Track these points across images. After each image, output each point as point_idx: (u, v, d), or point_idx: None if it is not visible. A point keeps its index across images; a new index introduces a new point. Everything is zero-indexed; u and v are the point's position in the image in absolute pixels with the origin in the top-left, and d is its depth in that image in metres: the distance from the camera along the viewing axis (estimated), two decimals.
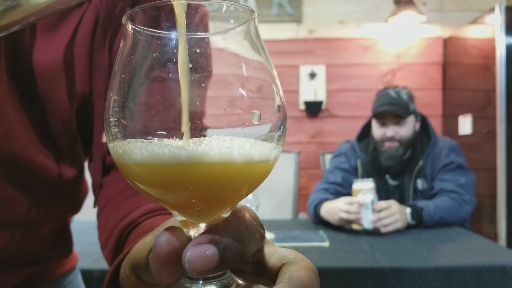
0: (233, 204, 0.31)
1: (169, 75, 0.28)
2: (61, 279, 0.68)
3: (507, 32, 2.54)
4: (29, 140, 0.52)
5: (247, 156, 0.28)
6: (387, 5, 3.19)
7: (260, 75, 0.30)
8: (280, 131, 0.30)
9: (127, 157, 0.28)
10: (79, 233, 0.73)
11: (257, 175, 0.30)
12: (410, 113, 1.98)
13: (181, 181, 0.28)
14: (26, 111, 0.52)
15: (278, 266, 0.32)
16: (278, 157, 0.31)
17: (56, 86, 0.53)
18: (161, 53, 0.28)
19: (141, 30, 0.28)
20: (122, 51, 0.29)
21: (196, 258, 0.28)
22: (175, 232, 0.30)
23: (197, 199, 0.29)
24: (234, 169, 0.28)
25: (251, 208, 0.33)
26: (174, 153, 0.27)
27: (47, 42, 0.52)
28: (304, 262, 0.31)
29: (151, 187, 0.30)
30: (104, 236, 0.54)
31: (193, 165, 0.27)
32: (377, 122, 2.03)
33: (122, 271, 0.35)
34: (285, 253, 0.32)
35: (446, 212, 1.79)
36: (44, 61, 0.52)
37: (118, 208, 0.53)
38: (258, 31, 0.30)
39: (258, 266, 0.33)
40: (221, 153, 0.27)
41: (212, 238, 0.29)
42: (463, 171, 1.96)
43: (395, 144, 1.98)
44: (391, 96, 2.00)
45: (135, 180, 0.30)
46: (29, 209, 0.54)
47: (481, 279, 1.22)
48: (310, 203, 1.96)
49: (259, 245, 0.32)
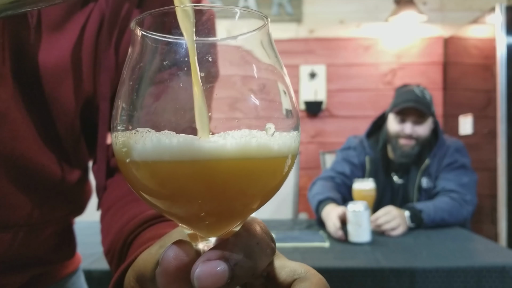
0: (245, 216, 0.30)
1: (180, 80, 0.27)
2: (64, 281, 0.68)
3: (507, 32, 2.53)
4: (33, 141, 0.52)
5: (265, 146, 0.27)
6: (388, 4, 3.19)
7: (273, 85, 0.29)
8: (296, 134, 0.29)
9: (130, 150, 0.27)
10: (79, 233, 0.73)
11: (275, 173, 0.29)
12: (431, 114, 1.98)
13: (193, 180, 0.26)
14: (31, 112, 0.52)
15: (289, 281, 0.31)
16: (295, 155, 0.30)
17: (60, 87, 0.53)
18: (171, 58, 0.27)
19: (151, 36, 0.27)
20: (130, 57, 0.28)
21: (206, 275, 0.27)
22: (183, 246, 0.29)
23: (209, 207, 0.27)
24: (252, 162, 0.26)
25: (261, 221, 0.32)
26: (185, 143, 0.25)
27: (52, 42, 0.52)
28: (316, 278, 0.30)
29: (157, 192, 0.28)
30: (107, 242, 0.54)
31: (207, 161, 0.25)
32: (396, 117, 1.99)
33: (126, 282, 0.34)
34: (296, 268, 0.31)
35: (447, 214, 1.78)
36: (49, 62, 0.52)
37: (121, 213, 0.52)
38: (271, 38, 0.30)
39: (268, 280, 0.32)
40: (239, 143, 0.26)
41: (222, 254, 0.28)
42: (466, 171, 1.95)
43: (411, 142, 1.95)
44: (416, 94, 1.97)
45: (139, 184, 0.28)
46: (31, 211, 0.53)
47: (482, 279, 1.22)
48: (315, 194, 1.89)
49: (270, 260, 0.31)
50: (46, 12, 0.52)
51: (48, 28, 0.52)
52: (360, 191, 1.88)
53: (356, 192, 1.89)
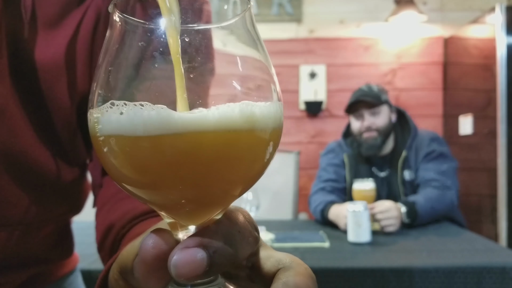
0: (226, 202, 0.29)
1: (158, 63, 0.25)
2: (61, 280, 0.68)
3: (507, 32, 2.53)
4: (31, 138, 0.52)
5: (249, 114, 0.25)
6: (388, 4, 3.19)
7: (256, 67, 0.28)
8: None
9: (103, 126, 0.25)
10: (79, 233, 0.73)
11: (259, 146, 0.27)
12: (382, 102, 2.06)
13: (170, 156, 0.24)
14: (29, 108, 0.51)
15: (273, 271, 0.30)
16: (280, 128, 0.28)
17: (57, 84, 0.53)
18: (151, 41, 0.26)
19: (129, 19, 0.26)
20: (108, 40, 0.27)
21: (183, 262, 0.26)
22: (162, 234, 0.28)
23: (188, 189, 0.26)
24: (235, 134, 0.25)
25: (246, 210, 0.31)
26: (162, 115, 0.23)
27: (48, 39, 0.52)
28: (301, 267, 0.29)
29: (132, 171, 0.26)
30: (100, 238, 0.53)
31: (186, 134, 0.23)
32: (353, 116, 2.12)
33: (110, 275, 0.33)
34: (281, 258, 0.30)
35: (435, 202, 1.83)
36: (45, 58, 0.52)
37: (114, 209, 0.52)
38: (254, 22, 0.29)
39: (253, 271, 0.32)
40: (220, 112, 0.24)
41: (201, 241, 0.27)
42: (444, 159, 2.01)
43: (373, 133, 2.05)
44: (362, 89, 2.12)
45: (114, 163, 0.26)
46: (28, 209, 0.53)
47: (482, 279, 1.22)
48: (315, 207, 1.96)
49: (253, 249, 0.30)
50: (41, 9, 0.52)
51: (44, 24, 0.52)
52: (360, 191, 1.88)
53: (356, 192, 1.89)
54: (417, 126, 2.16)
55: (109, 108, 0.25)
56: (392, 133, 2.11)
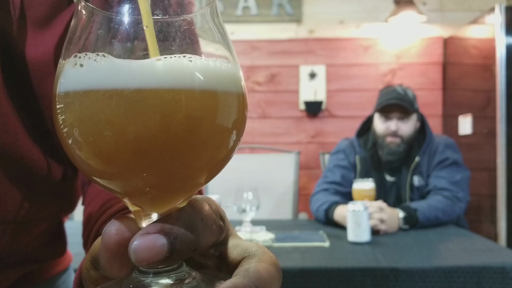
0: (190, 189, 0.29)
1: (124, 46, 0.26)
2: (54, 279, 0.67)
3: (507, 32, 2.53)
4: (23, 134, 0.52)
5: (204, 68, 0.25)
6: (387, 5, 3.19)
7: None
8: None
9: (63, 80, 0.25)
10: (75, 233, 0.73)
11: (222, 114, 0.27)
12: (415, 111, 2.01)
13: (121, 114, 0.24)
14: (20, 104, 0.52)
15: (239, 259, 0.30)
16: (243, 96, 0.28)
17: (47, 82, 0.53)
18: (118, 30, 0.26)
19: (94, 8, 0.27)
20: (72, 30, 0.28)
21: (143, 248, 0.26)
22: (125, 221, 0.28)
23: (145, 166, 0.25)
24: (193, 93, 0.24)
25: (213, 199, 0.31)
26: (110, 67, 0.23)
27: (38, 38, 0.52)
28: (265, 255, 0.30)
29: (86, 133, 0.25)
30: (85, 234, 0.54)
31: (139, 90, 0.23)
32: (381, 116, 2.04)
33: (83, 266, 0.33)
34: (248, 246, 0.31)
35: (441, 212, 1.80)
36: (35, 57, 0.52)
37: (99, 205, 0.52)
38: (219, 16, 0.29)
39: (220, 260, 0.32)
40: (176, 61, 0.24)
41: (162, 227, 0.27)
42: (458, 168, 1.97)
43: (397, 140, 1.99)
44: (398, 92, 2.02)
45: (71, 124, 0.26)
46: (20, 207, 0.53)
47: (481, 279, 1.22)
48: (318, 207, 1.92)
49: (217, 238, 0.30)
50: (30, 8, 0.52)
51: (33, 23, 0.52)
52: (360, 191, 1.88)
53: (356, 192, 1.89)
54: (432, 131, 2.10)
55: (71, 59, 0.26)
56: None
